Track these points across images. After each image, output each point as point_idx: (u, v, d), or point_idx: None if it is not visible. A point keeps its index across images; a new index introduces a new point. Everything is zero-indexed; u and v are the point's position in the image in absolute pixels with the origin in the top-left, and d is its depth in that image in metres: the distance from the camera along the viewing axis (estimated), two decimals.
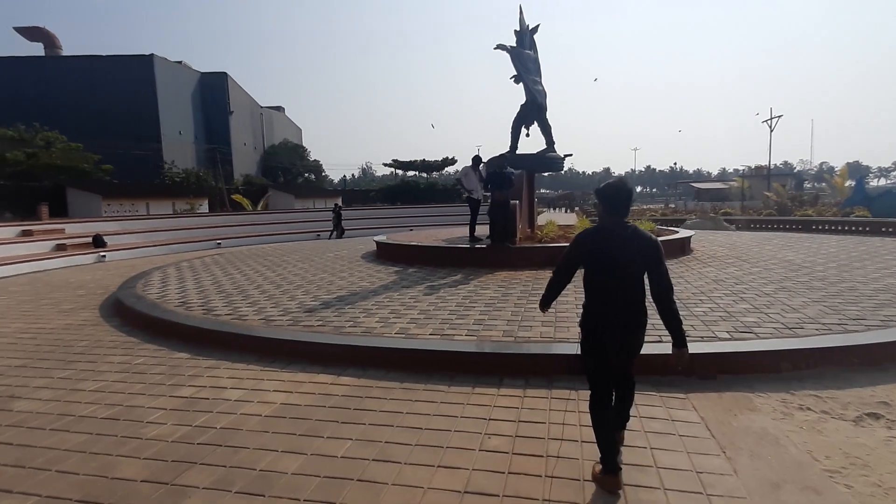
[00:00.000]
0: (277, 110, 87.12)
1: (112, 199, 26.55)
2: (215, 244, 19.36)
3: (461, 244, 10.26)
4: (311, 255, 12.61)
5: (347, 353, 4.80)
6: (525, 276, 8.26)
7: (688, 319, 5.25)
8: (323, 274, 9.28)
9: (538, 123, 12.52)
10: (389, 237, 12.20)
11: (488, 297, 6.69)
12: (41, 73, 50.58)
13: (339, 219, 21.36)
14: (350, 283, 8.12)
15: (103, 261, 15.34)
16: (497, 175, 9.29)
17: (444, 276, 8.44)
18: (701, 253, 10.45)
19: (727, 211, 28.19)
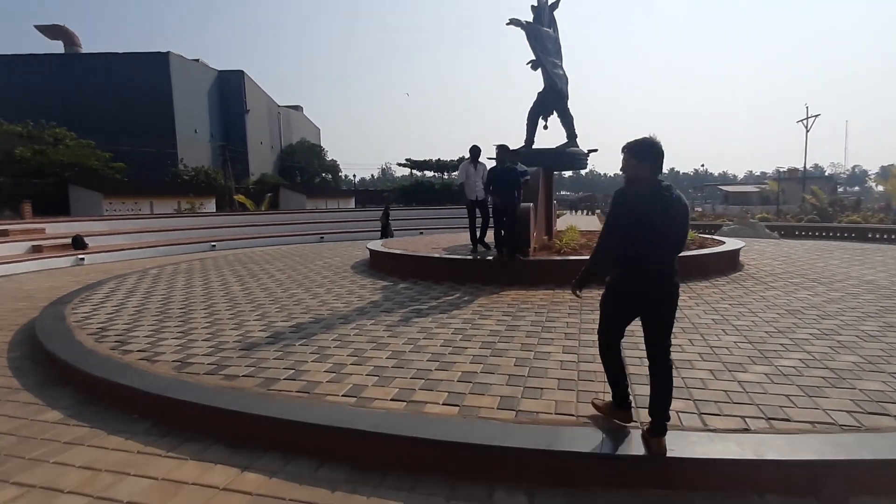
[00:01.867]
0: (295, 109, 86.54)
1: (114, 197, 25.61)
2: (210, 246, 18.09)
3: (464, 254, 8.64)
4: (298, 263, 11.13)
5: (265, 430, 3.23)
6: (539, 297, 6.61)
7: (777, 384, 3.56)
8: (296, 289, 7.76)
9: (558, 114, 10.83)
10: (385, 244, 10.64)
11: (488, 330, 5.06)
12: (59, 70, 50.44)
13: (388, 219, 20.61)
14: (321, 304, 6.58)
15: (81, 264, 14.13)
16: (503, 173, 7.64)
17: (439, 296, 6.83)
18: (754, 269, 8.65)
19: (765, 216, 25.99)
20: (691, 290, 6.87)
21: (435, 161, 48.76)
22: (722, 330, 4.90)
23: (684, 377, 3.70)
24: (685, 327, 5.02)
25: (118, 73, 50.67)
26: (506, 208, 7.65)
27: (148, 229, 18.17)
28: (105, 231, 17.13)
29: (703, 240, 9.86)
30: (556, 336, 4.82)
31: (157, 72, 51.41)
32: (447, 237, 12.73)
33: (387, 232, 20.37)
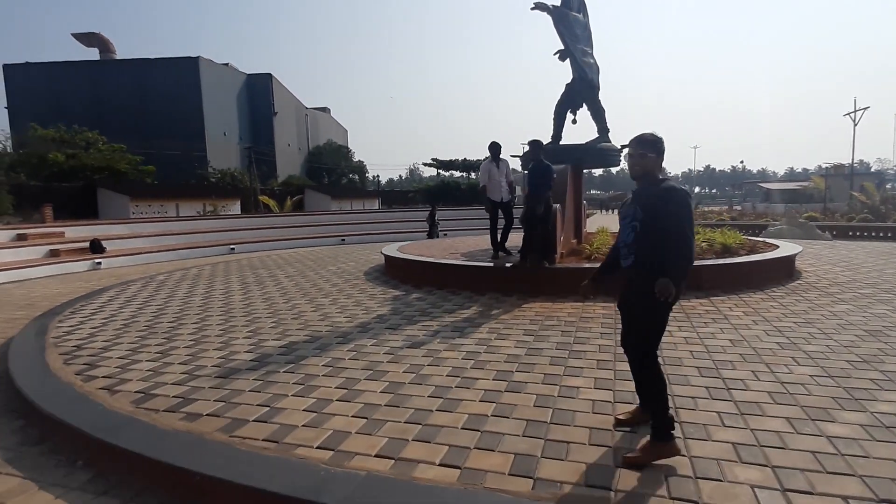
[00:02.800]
0: (323, 111, 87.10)
1: (140, 199, 25.75)
2: (228, 249, 17.80)
3: (484, 260, 7.90)
4: (310, 268, 10.57)
5: (216, 493, 2.56)
6: (566, 312, 5.81)
7: (881, 442, 2.70)
8: (300, 299, 7.15)
9: (588, 106, 9.96)
10: (401, 248, 9.97)
11: (505, 355, 4.31)
12: (93, 77, 51.75)
13: (434, 219, 20.70)
14: (321, 318, 5.93)
15: (98, 268, 13.95)
16: (540, 169, 6.89)
17: (453, 310, 6.10)
18: (814, 277, 7.64)
19: (812, 215, 24.34)
20: (745, 304, 5.95)
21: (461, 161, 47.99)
22: (792, 359, 4.03)
23: (753, 428, 2.88)
24: (745, 354, 4.16)
25: (150, 79, 51.66)
26: (545, 211, 6.90)
27: (168, 232, 17.99)
28: (126, 234, 17.01)
29: (753, 243, 8.85)
30: (587, 364, 4.03)
31: (187, 76, 52.21)
32: (469, 240, 11.99)
33: (433, 232, 20.35)
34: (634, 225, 2.66)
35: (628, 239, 2.69)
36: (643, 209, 2.62)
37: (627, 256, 2.70)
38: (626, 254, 2.72)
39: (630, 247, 2.68)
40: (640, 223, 2.63)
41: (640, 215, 2.62)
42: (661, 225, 2.55)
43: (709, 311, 5.64)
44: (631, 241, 2.68)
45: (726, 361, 3.99)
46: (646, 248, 2.61)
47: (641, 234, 2.62)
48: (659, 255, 2.55)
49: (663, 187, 2.61)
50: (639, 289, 2.64)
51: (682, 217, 2.55)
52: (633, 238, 2.67)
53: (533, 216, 6.92)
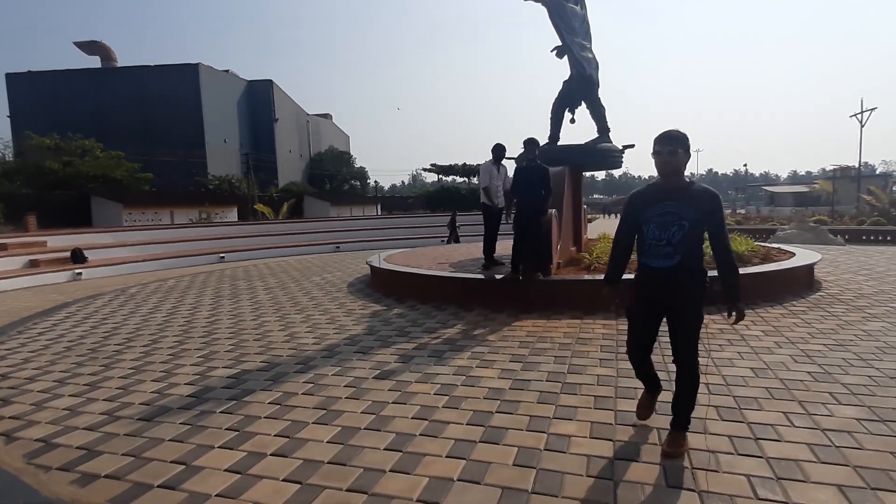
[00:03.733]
0: (325, 118, 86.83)
1: (134, 207, 25.30)
2: (218, 258, 17.21)
3: (474, 271, 7.25)
4: (294, 279, 9.94)
5: None
6: (562, 331, 5.14)
7: None
8: (271, 316, 6.51)
9: (587, 104, 9.33)
10: (388, 258, 9.33)
11: (486, 389, 3.65)
12: (93, 84, 51.56)
13: (455, 224, 20.80)
14: (287, 339, 5.28)
15: (79, 279, 13.36)
16: (531, 171, 6.24)
17: (435, 328, 5.45)
18: (836, 287, 6.95)
19: (821, 218, 23.57)
20: (764, 321, 5.27)
21: (461, 165, 47.39)
22: (830, 394, 3.35)
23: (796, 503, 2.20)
24: (772, 387, 3.49)
25: (150, 86, 51.43)
26: (533, 216, 6.23)
27: (156, 241, 17.44)
28: (112, 243, 16.45)
29: (767, 251, 8.16)
30: (582, 402, 3.37)
31: (187, 83, 51.95)
32: (463, 248, 11.34)
33: (454, 237, 20.18)
34: (683, 224, 2.53)
35: (674, 238, 2.55)
36: (691, 208, 2.52)
37: (672, 256, 2.57)
38: (669, 253, 2.57)
39: (676, 246, 2.56)
40: (689, 222, 2.52)
41: (692, 214, 2.52)
42: (712, 228, 2.56)
43: (723, 331, 4.96)
44: (678, 240, 2.54)
45: (750, 399, 3.32)
46: (693, 250, 2.56)
47: (690, 234, 2.53)
48: (701, 256, 2.60)
49: (704, 187, 2.58)
50: (691, 293, 2.60)
51: (725, 224, 2.60)
52: (680, 237, 2.54)
53: (524, 222, 6.27)
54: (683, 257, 2.56)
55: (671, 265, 2.58)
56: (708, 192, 2.57)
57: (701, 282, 2.61)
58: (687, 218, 2.54)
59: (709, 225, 2.56)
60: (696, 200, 2.55)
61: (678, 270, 2.58)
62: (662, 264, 2.59)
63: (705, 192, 2.57)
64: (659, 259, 2.60)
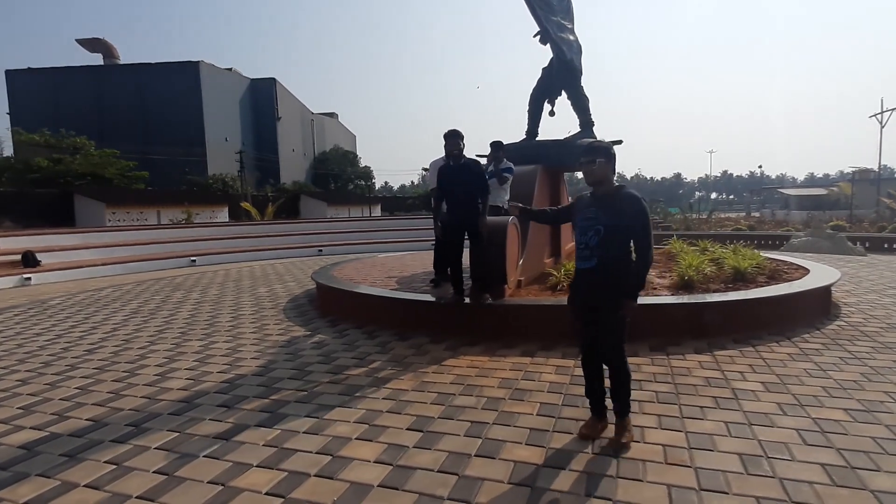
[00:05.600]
0: (330, 116, 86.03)
1: (117, 206, 24.41)
2: (189, 261, 16.19)
3: (420, 288, 6.11)
4: (241, 289, 8.87)
5: None
6: (501, 374, 3.98)
7: None
8: (166, 344, 5.40)
9: (567, 94, 8.18)
10: (340, 269, 8.21)
11: (346, 483, 2.49)
12: (93, 82, 51.12)
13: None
14: (158, 379, 4.17)
15: (27, 284, 12.37)
16: (458, 170, 5.06)
17: (349, 365, 4.31)
18: (859, 314, 5.70)
19: (839, 223, 22.05)
20: (764, 365, 4.06)
21: None
22: None
23: None
24: (769, 497, 2.29)
25: (150, 83, 50.88)
26: (469, 225, 5.07)
27: (123, 242, 16.45)
28: (76, 245, 15.48)
29: (776, 266, 6.92)
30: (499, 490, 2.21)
31: (187, 81, 51.28)
32: None
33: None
34: (598, 229, 2.76)
35: (592, 242, 2.78)
36: (607, 214, 2.75)
37: (590, 258, 2.80)
38: (587, 255, 2.81)
39: (593, 249, 2.78)
40: (604, 227, 2.75)
41: (605, 220, 2.75)
42: (627, 231, 2.74)
43: (710, 381, 3.76)
44: (595, 244, 2.77)
45: None
46: (611, 252, 2.75)
47: (606, 238, 2.74)
48: (622, 259, 2.78)
49: (626, 193, 2.77)
50: (608, 292, 2.77)
51: (647, 224, 2.73)
52: (596, 241, 2.76)
53: (457, 233, 5.11)
54: (600, 260, 2.76)
55: (590, 267, 2.80)
56: (629, 197, 2.73)
57: (621, 283, 2.76)
58: (602, 223, 2.75)
59: (629, 228, 2.73)
60: (616, 206, 2.74)
61: (597, 272, 2.78)
62: (584, 266, 2.85)
63: (627, 198, 2.74)
64: (581, 261, 2.86)
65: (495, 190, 6.74)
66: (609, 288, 2.75)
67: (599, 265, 2.76)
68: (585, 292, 2.86)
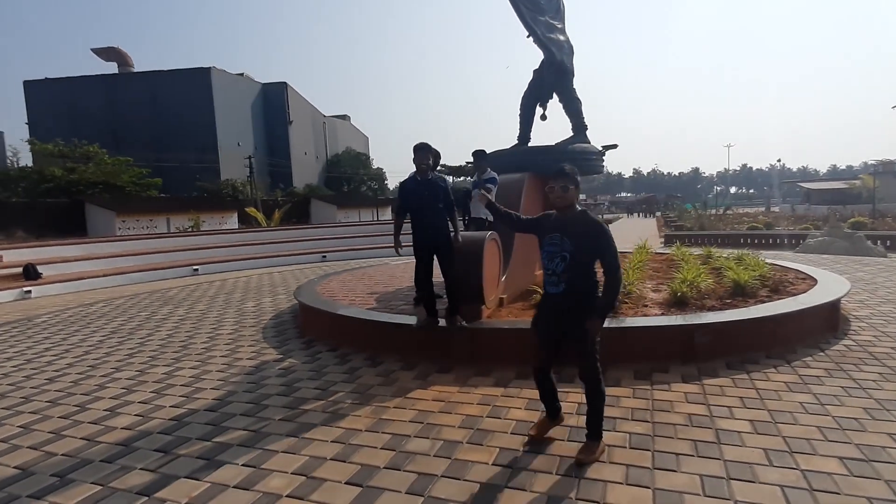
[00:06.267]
0: (342, 119, 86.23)
1: (127, 214, 24.64)
2: (191, 270, 16.15)
3: (398, 307, 5.82)
4: (230, 303, 8.70)
5: None
6: (466, 410, 3.70)
7: None
8: (130, 371, 5.20)
9: (559, 96, 7.82)
10: (326, 283, 7.97)
11: None
12: (109, 90, 51.93)
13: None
14: (107, 416, 3.95)
15: (28, 297, 12.40)
16: (425, 186, 4.76)
17: (306, 398, 4.04)
18: (870, 330, 5.28)
19: (860, 220, 21.22)
20: (758, 399, 3.69)
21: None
22: None
23: None
24: None
25: (163, 90, 51.53)
26: (432, 245, 4.79)
27: (127, 252, 16.50)
28: (80, 256, 15.54)
29: (781, 278, 6.48)
30: None
31: (199, 87, 51.86)
32: None
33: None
34: (564, 255, 2.84)
35: (558, 269, 2.86)
36: (571, 240, 2.83)
37: (557, 284, 2.87)
38: (555, 281, 2.88)
39: (560, 276, 2.85)
40: (570, 254, 2.83)
41: (570, 247, 2.82)
42: (592, 255, 2.84)
43: (692, 419, 3.41)
44: (561, 270, 2.85)
45: None
46: (578, 277, 2.83)
47: (572, 264, 2.82)
48: (589, 282, 2.86)
49: (589, 219, 2.87)
50: (578, 316, 2.83)
51: (611, 245, 2.79)
52: (563, 268, 2.84)
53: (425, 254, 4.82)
54: (568, 284, 2.84)
55: (559, 292, 2.87)
56: (591, 224, 2.84)
57: (589, 305, 2.82)
58: (567, 250, 2.83)
59: (594, 251, 2.83)
60: (580, 230, 2.82)
61: (566, 296, 2.85)
62: (552, 290, 2.91)
63: (588, 224, 2.84)
64: (549, 286, 2.92)
65: (477, 203, 6.47)
66: (578, 311, 2.83)
67: (567, 290, 2.84)
68: (554, 315, 2.95)
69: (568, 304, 2.85)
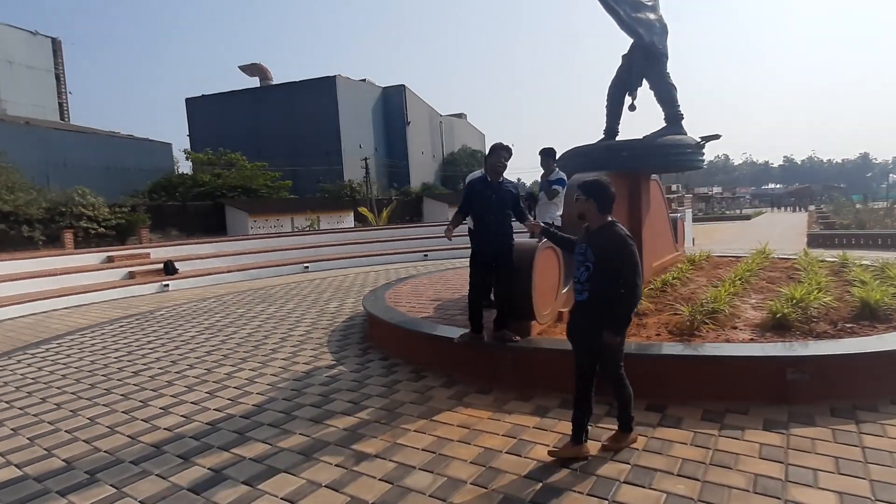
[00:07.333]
0: (459, 117, 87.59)
1: (258, 215, 27.30)
2: (303, 268, 17.34)
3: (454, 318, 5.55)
4: (317, 303, 9.09)
5: None
6: (501, 433, 3.35)
7: None
8: (201, 369, 5.55)
9: (649, 83, 6.97)
10: (395, 289, 7.94)
11: None
12: (250, 102, 57.99)
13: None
14: (155, 418, 4.22)
15: (166, 290, 14.16)
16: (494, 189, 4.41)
17: (346, 410, 3.95)
18: None
19: None
20: (859, 458, 2.84)
21: None
22: None
23: None
24: None
25: (295, 100, 56.24)
26: (495, 254, 4.41)
27: (249, 251, 18.16)
28: (210, 254, 17.44)
29: None
30: None
31: (326, 94, 55.78)
32: None
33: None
34: (588, 266, 2.95)
35: (582, 277, 2.99)
36: (595, 252, 2.93)
37: (581, 292, 3.00)
38: (580, 290, 3.01)
39: (584, 284, 2.98)
40: (592, 265, 2.93)
41: (593, 258, 2.93)
42: (613, 267, 2.88)
43: (757, 483, 2.70)
44: (585, 279, 2.97)
45: None
46: (600, 287, 2.92)
47: (595, 274, 2.93)
48: (613, 293, 2.89)
49: (613, 232, 2.92)
50: (598, 323, 2.92)
51: (632, 261, 2.85)
52: (586, 277, 2.96)
53: (490, 260, 4.44)
54: (591, 294, 2.96)
55: (583, 300, 3.01)
56: (613, 236, 2.91)
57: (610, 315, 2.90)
58: (590, 260, 2.95)
59: (614, 264, 2.88)
60: (602, 243, 2.93)
61: (589, 304, 2.98)
62: (578, 298, 3.06)
63: (611, 236, 2.91)
64: (576, 294, 3.07)
65: (544, 205, 5.98)
66: (599, 319, 2.92)
67: (591, 298, 2.96)
68: (579, 321, 3.07)
69: (590, 312, 2.97)
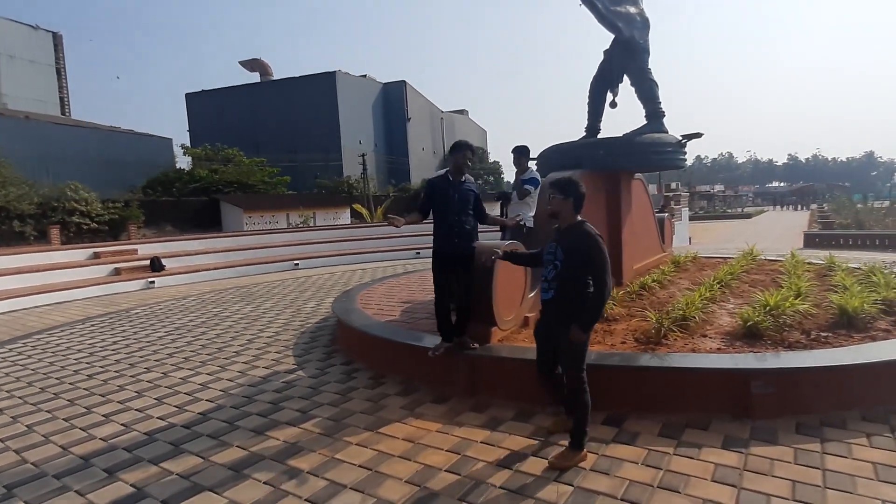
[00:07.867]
0: (460, 114, 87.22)
1: (252, 211, 27.06)
2: (293, 265, 17.17)
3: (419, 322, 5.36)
4: (295, 302, 8.91)
5: None
6: (446, 448, 3.14)
7: None
8: (157, 373, 5.38)
9: (630, 79, 6.75)
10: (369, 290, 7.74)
11: None
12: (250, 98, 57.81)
13: None
14: (93, 427, 4.04)
15: (151, 287, 14.01)
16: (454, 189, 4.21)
17: (292, 420, 3.77)
18: None
19: None
20: (817, 484, 2.63)
21: None
22: None
23: None
24: None
25: (294, 96, 56.04)
26: (456, 255, 4.20)
27: (239, 247, 18.00)
28: (201, 250, 17.28)
29: None
30: None
31: (325, 90, 55.55)
32: None
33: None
34: (556, 264, 2.95)
35: (549, 275, 3.01)
36: (563, 249, 2.93)
37: (548, 291, 3.01)
38: (546, 288, 3.03)
39: (550, 282, 2.99)
40: (560, 262, 2.93)
41: (561, 256, 2.93)
42: (581, 266, 2.88)
43: None
44: (552, 277, 2.98)
45: None
46: (566, 285, 2.92)
47: (561, 272, 2.93)
48: (578, 291, 2.89)
49: (583, 231, 2.91)
50: (564, 322, 2.92)
51: (600, 259, 2.84)
52: (553, 275, 2.97)
53: (450, 264, 4.24)
54: (556, 292, 2.97)
55: (548, 298, 3.03)
56: (582, 235, 2.90)
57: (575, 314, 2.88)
58: (559, 258, 2.94)
59: (583, 263, 2.88)
60: (571, 242, 2.92)
61: (555, 302, 2.99)
62: (544, 296, 3.06)
63: (580, 236, 2.91)
64: (543, 293, 3.07)
65: (516, 205, 5.77)
66: (564, 318, 2.91)
67: (557, 296, 2.96)
68: (546, 319, 3.10)
69: (556, 310, 2.98)
